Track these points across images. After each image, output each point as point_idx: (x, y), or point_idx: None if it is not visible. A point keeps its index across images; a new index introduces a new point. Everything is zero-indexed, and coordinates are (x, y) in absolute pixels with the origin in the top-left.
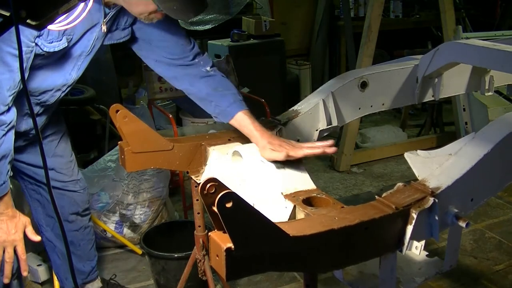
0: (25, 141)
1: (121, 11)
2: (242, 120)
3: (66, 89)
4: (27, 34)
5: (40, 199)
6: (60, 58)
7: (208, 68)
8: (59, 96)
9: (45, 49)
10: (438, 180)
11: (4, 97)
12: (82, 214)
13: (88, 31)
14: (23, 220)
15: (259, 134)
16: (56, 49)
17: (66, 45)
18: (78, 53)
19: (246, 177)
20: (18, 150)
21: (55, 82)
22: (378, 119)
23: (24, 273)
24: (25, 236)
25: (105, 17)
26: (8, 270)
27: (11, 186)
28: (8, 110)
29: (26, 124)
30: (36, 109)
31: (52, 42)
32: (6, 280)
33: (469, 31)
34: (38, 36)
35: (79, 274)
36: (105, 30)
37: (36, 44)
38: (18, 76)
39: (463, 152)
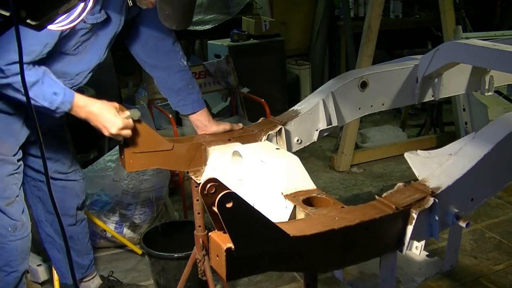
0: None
1: None
2: (201, 115)
3: (96, 69)
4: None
5: (40, 196)
6: (96, 38)
7: (185, 63)
8: (89, 78)
9: (89, 22)
10: (438, 180)
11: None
12: (80, 207)
13: (118, 7)
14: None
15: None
16: (98, 21)
17: (106, 16)
18: (113, 30)
19: (246, 177)
20: (29, 143)
21: (92, 63)
22: (378, 119)
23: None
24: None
25: None
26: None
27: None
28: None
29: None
30: None
31: (94, 14)
32: None
33: (469, 31)
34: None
35: (79, 268)
36: (131, 4)
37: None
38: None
39: (463, 152)
